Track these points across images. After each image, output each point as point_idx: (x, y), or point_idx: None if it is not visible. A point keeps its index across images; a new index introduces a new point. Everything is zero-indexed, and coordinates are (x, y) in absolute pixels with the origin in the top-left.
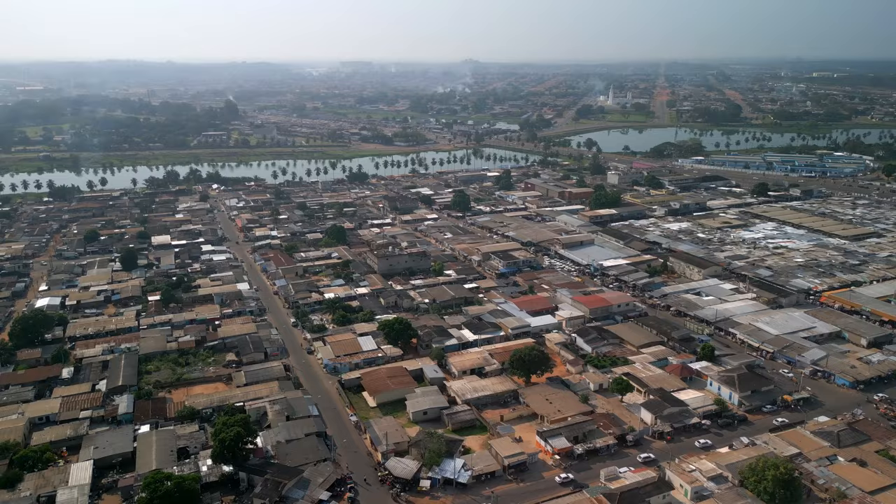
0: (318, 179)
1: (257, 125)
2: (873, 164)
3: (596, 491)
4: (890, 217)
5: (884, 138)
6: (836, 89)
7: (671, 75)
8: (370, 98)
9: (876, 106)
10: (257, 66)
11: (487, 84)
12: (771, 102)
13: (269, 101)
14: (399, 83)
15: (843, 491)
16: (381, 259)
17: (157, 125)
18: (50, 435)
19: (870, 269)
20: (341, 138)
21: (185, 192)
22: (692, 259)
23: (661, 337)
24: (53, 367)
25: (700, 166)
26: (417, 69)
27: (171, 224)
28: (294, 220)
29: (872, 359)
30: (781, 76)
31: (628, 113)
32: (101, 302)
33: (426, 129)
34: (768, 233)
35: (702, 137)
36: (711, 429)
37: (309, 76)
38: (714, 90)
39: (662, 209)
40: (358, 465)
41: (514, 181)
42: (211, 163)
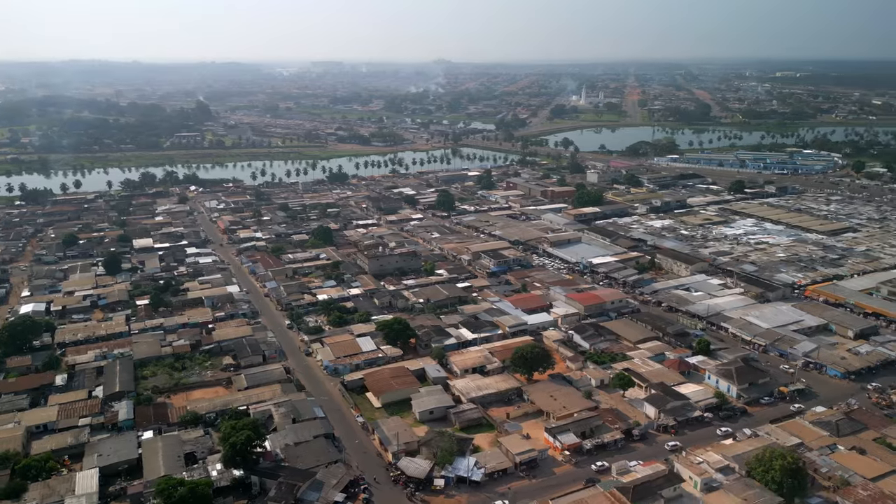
0: (298, 180)
1: (231, 126)
2: (841, 161)
3: (609, 485)
4: (863, 212)
5: (849, 136)
6: (800, 88)
7: (640, 75)
8: (343, 98)
9: (839, 104)
10: (227, 66)
11: (460, 84)
12: (738, 102)
13: (241, 102)
14: (371, 83)
15: (846, 478)
16: (371, 259)
17: (128, 126)
18: (50, 443)
19: (849, 262)
20: (318, 139)
21: (162, 195)
22: (679, 255)
23: (657, 332)
24: (46, 375)
25: (675, 164)
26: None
27: (152, 227)
28: (277, 221)
29: (861, 350)
30: (747, 76)
31: (601, 112)
32: (88, 307)
33: (402, 128)
34: (748, 229)
35: (674, 136)
36: (713, 421)
37: (280, 76)
38: (683, 90)
39: (644, 207)
40: (368, 466)
41: (494, 180)
42: (186, 164)
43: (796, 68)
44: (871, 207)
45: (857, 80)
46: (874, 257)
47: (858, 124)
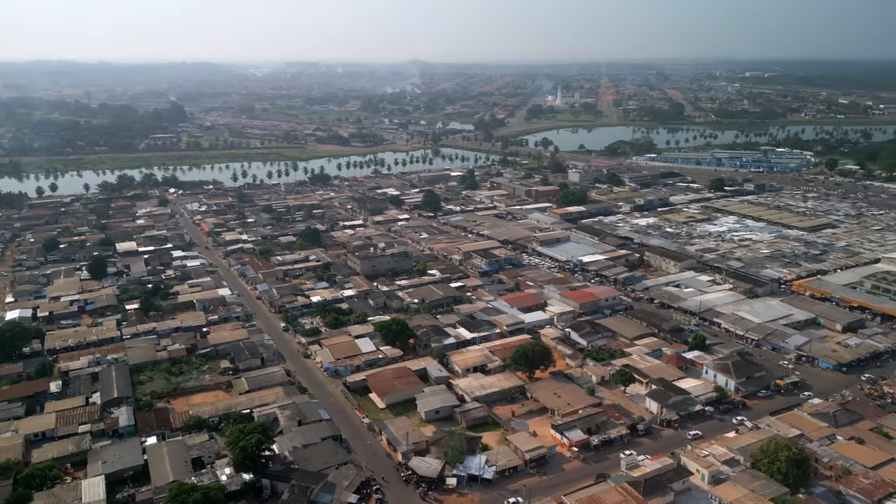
0: (280, 182)
1: (207, 127)
2: (814, 159)
3: (620, 479)
4: (839, 208)
5: (819, 135)
6: (769, 88)
7: (614, 75)
8: (319, 98)
9: (807, 104)
10: (197, 66)
11: (436, 84)
12: (710, 101)
13: (215, 103)
14: (346, 83)
15: (848, 468)
16: (363, 260)
17: (101, 128)
18: (51, 451)
19: (831, 258)
20: (296, 139)
21: (141, 197)
22: (667, 253)
23: (652, 329)
24: (40, 382)
25: (654, 163)
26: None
27: (134, 230)
28: (262, 223)
29: (850, 342)
30: (717, 76)
31: (578, 112)
32: (76, 312)
33: (381, 129)
34: (731, 226)
35: (649, 136)
36: (714, 415)
37: (253, 77)
38: (656, 89)
39: (628, 205)
40: (378, 467)
41: (478, 180)
42: (162, 166)
43: (764, 68)
44: (847, 204)
45: (823, 80)
46: (854, 252)
47: (827, 123)
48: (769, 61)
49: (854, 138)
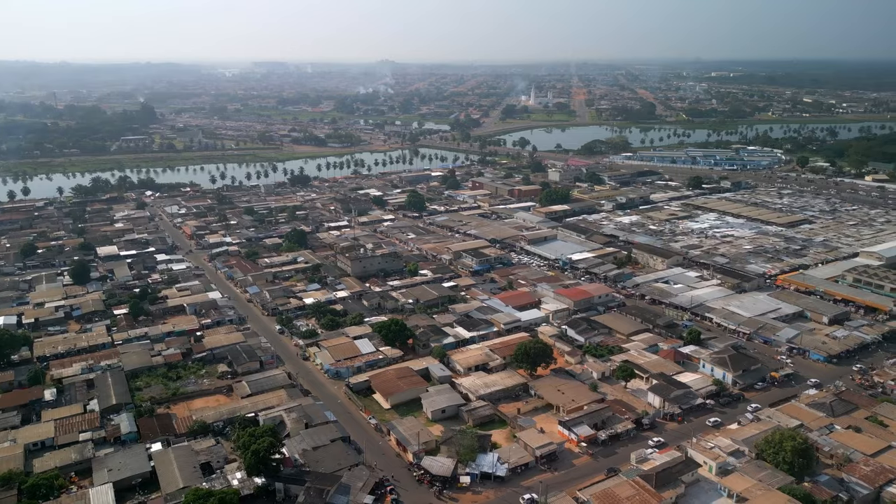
0: (259, 183)
1: (180, 128)
2: (784, 157)
3: (632, 473)
4: (814, 205)
5: (787, 133)
6: (735, 87)
7: (583, 75)
8: (292, 99)
9: (773, 103)
10: (163, 66)
11: (409, 84)
12: (680, 101)
13: (185, 104)
14: (318, 84)
15: (848, 456)
16: (354, 261)
17: (70, 130)
18: (53, 460)
19: (811, 253)
20: (272, 140)
21: (117, 200)
22: (654, 250)
23: (647, 325)
24: (33, 390)
25: (630, 162)
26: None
27: (113, 234)
28: (245, 225)
29: (837, 334)
30: (684, 76)
31: (552, 112)
32: (62, 318)
33: (357, 129)
34: (712, 223)
35: (623, 135)
36: (715, 408)
37: (222, 77)
38: (627, 89)
39: (610, 204)
40: (389, 467)
41: (459, 180)
42: (135, 168)
43: (728, 69)
44: (821, 200)
45: (787, 80)
46: (833, 247)
47: (792, 121)
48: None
49: (821, 136)
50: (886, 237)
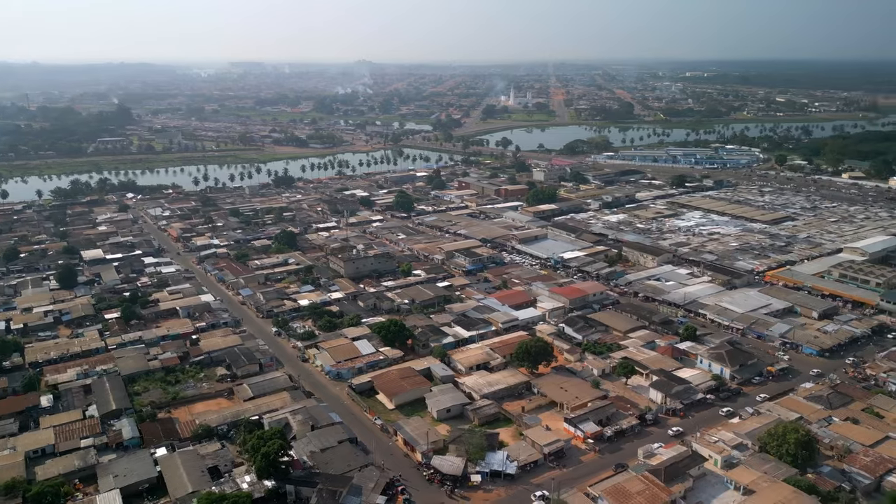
0: (243, 184)
1: (158, 129)
2: (762, 156)
3: (641, 468)
4: (795, 202)
5: (763, 132)
6: (710, 87)
7: (561, 75)
8: (270, 100)
9: (748, 102)
10: (137, 66)
11: (387, 85)
12: (657, 101)
13: (161, 104)
14: (296, 84)
15: (848, 447)
16: (347, 262)
17: (44, 132)
18: (56, 467)
19: (796, 249)
20: (253, 141)
21: (98, 203)
22: (644, 248)
23: (643, 322)
24: (29, 396)
25: (613, 161)
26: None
27: (97, 237)
28: (232, 227)
29: (828, 329)
30: (660, 76)
31: (532, 112)
32: (52, 323)
33: (338, 130)
34: (698, 221)
35: (602, 134)
36: (715, 402)
37: (198, 77)
38: (604, 90)
39: (596, 203)
40: (397, 467)
41: (444, 180)
42: (114, 170)
43: (702, 69)
44: (801, 197)
45: (760, 79)
46: (816, 243)
47: (767, 121)
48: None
49: (796, 135)
50: (867, 233)
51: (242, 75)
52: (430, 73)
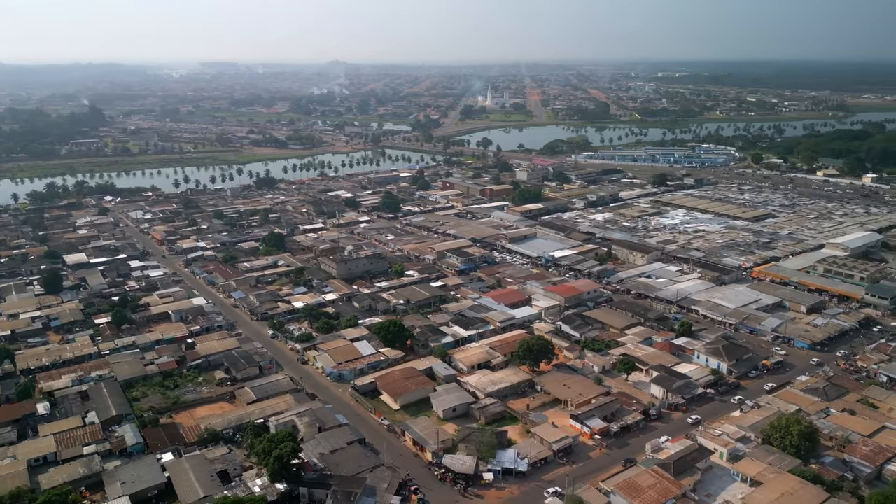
0: (224, 186)
1: (132, 131)
2: (738, 154)
3: (650, 463)
4: (774, 199)
5: (737, 131)
6: (682, 87)
7: (536, 76)
8: (245, 100)
9: (720, 102)
10: (105, 67)
11: (363, 85)
12: (632, 101)
13: (133, 105)
14: (270, 84)
15: (847, 437)
16: (339, 264)
17: (14, 134)
18: (60, 475)
19: (780, 245)
20: (230, 142)
21: (76, 206)
22: (633, 245)
23: (638, 318)
24: (25, 404)
25: (593, 161)
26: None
27: (78, 241)
28: (217, 229)
29: (818, 323)
30: (633, 76)
31: (509, 112)
32: (40, 329)
33: (316, 130)
34: (683, 218)
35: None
36: (715, 397)
37: (169, 78)
38: (579, 90)
39: (581, 202)
40: (407, 467)
41: (428, 181)
42: (89, 173)
43: (673, 69)
44: (780, 195)
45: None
46: (798, 239)
47: (739, 120)
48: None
49: (769, 134)
50: (847, 229)
51: (216, 76)
52: (406, 73)
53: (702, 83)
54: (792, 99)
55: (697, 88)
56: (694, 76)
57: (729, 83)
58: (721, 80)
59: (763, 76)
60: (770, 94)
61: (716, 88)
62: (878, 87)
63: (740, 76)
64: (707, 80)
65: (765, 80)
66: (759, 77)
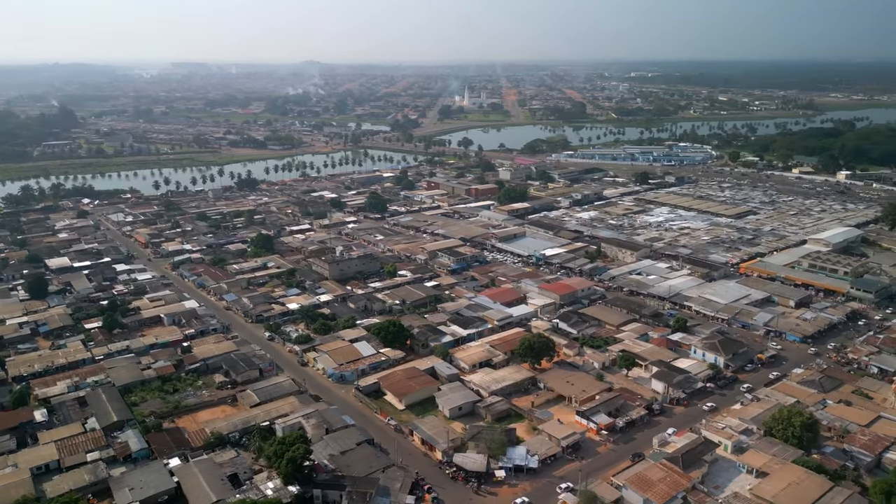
0: (205, 187)
1: (106, 132)
2: (715, 153)
3: (658, 456)
4: (754, 196)
5: (711, 130)
6: (655, 87)
7: (511, 76)
8: (220, 101)
9: (693, 101)
10: (73, 67)
11: (339, 85)
12: (607, 100)
13: (104, 106)
14: (244, 85)
15: (846, 427)
16: (331, 265)
17: None
18: (66, 483)
19: (763, 242)
20: (208, 143)
21: (53, 209)
22: (622, 243)
23: (633, 315)
24: (21, 412)
25: (574, 160)
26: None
27: (59, 245)
28: (202, 231)
29: (807, 316)
30: (606, 76)
31: (487, 112)
32: (28, 335)
33: (294, 131)
34: (667, 216)
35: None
36: (715, 391)
37: (140, 78)
38: (555, 90)
39: (566, 200)
40: (417, 466)
41: (412, 181)
42: (63, 175)
43: (645, 69)
44: (759, 192)
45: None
46: (781, 235)
47: (712, 119)
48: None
49: (743, 132)
50: (826, 225)
51: (187, 76)
52: (381, 73)
53: (674, 83)
54: (762, 98)
55: (670, 88)
56: (666, 76)
57: (700, 83)
58: (692, 79)
59: (733, 76)
60: (741, 93)
61: (688, 88)
62: (843, 86)
63: (711, 76)
64: (679, 80)
65: (734, 79)
66: (729, 77)
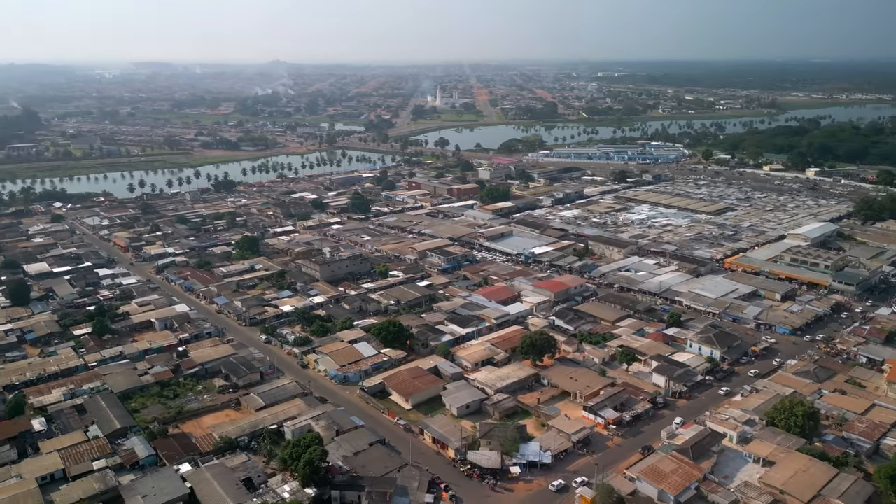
0: (182, 189)
1: (73, 134)
2: (687, 151)
3: (668, 448)
4: (730, 193)
5: (681, 128)
6: (622, 87)
7: (480, 76)
8: (187, 101)
9: (661, 101)
10: (30, 67)
11: (309, 85)
12: (577, 100)
13: (67, 107)
14: (211, 85)
15: (843, 416)
16: (322, 266)
17: None
18: (75, 492)
19: (744, 237)
20: (180, 145)
21: (25, 213)
22: (608, 241)
23: (627, 311)
24: (19, 421)
25: (551, 159)
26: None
27: (35, 250)
28: (182, 234)
29: (794, 309)
30: (574, 76)
31: (460, 112)
32: (15, 343)
33: (267, 131)
34: (648, 214)
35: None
36: (714, 383)
37: (102, 79)
38: (525, 90)
39: (549, 199)
40: (430, 465)
41: (392, 181)
42: (30, 179)
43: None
44: (734, 189)
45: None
46: (760, 231)
47: (680, 118)
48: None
49: (712, 131)
50: (803, 220)
51: (151, 76)
52: (351, 73)
53: (640, 83)
54: (726, 97)
55: (637, 88)
56: (632, 76)
57: (665, 82)
58: (658, 79)
59: (696, 76)
60: (706, 92)
61: (655, 88)
62: (801, 85)
63: (675, 76)
64: (645, 80)
65: (698, 79)
66: (693, 76)
